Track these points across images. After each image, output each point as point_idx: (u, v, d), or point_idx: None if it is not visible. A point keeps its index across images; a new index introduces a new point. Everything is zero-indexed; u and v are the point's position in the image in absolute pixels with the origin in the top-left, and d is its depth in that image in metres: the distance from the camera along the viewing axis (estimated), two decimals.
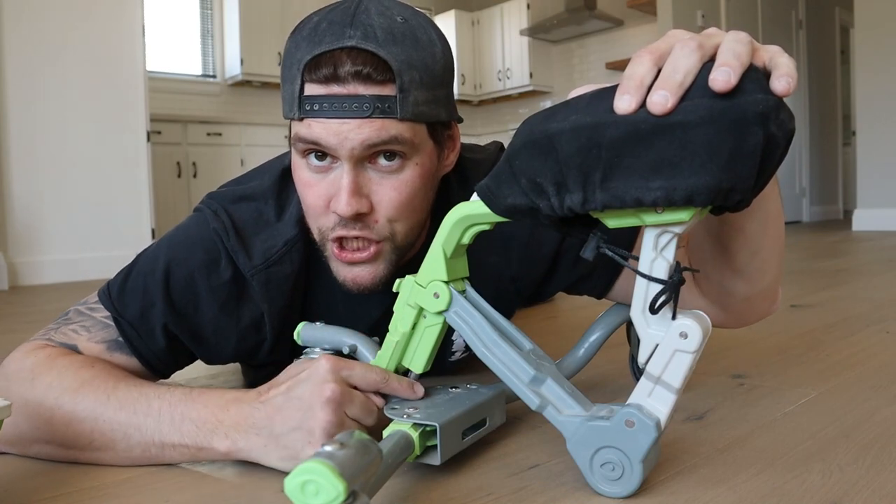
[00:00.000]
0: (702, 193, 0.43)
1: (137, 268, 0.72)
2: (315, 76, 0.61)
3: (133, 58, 3.15)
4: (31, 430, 0.63)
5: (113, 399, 0.62)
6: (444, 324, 0.61)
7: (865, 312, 1.39)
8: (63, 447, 0.63)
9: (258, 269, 0.70)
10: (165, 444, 0.60)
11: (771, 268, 0.67)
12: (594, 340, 0.81)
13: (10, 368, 0.66)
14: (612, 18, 5.49)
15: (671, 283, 0.49)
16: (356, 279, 0.67)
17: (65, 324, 0.71)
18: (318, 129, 0.61)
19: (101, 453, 0.62)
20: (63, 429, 0.61)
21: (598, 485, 0.53)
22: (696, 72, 0.43)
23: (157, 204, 3.45)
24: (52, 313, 1.96)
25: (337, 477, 0.41)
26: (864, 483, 0.55)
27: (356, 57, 0.60)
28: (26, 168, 2.85)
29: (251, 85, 5.16)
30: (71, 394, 0.62)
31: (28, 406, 0.62)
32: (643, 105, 0.43)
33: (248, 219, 0.72)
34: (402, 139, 0.62)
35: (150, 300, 0.70)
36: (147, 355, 0.70)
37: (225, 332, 0.72)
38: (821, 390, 0.83)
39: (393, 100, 0.61)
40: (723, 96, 0.42)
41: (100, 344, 0.69)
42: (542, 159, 0.47)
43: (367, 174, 0.64)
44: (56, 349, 0.68)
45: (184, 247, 0.71)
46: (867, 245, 3.15)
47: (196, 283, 0.70)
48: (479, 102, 6.55)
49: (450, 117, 0.68)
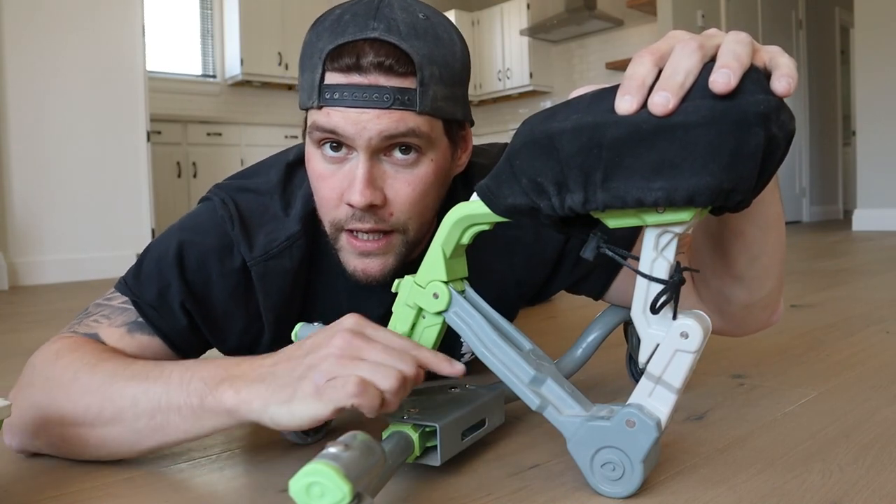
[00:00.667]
0: (703, 194, 0.43)
1: (150, 254, 0.72)
2: (337, 65, 0.61)
3: (133, 58, 3.15)
4: (48, 407, 0.61)
5: (129, 369, 0.61)
6: (444, 324, 0.61)
7: (865, 312, 1.39)
8: (75, 424, 0.60)
9: (257, 261, 0.70)
10: (171, 407, 0.57)
11: (771, 275, 0.67)
12: (592, 340, 0.81)
13: (38, 358, 0.67)
14: (612, 18, 5.49)
15: (672, 283, 0.49)
16: (366, 269, 0.67)
17: (86, 317, 0.71)
18: (337, 117, 0.61)
19: (110, 427, 0.59)
20: (77, 400, 0.60)
21: (599, 485, 0.53)
22: (696, 73, 0.43)
23: (157, 204, 3.45)
24: (53, 313, 1.96)
25: (342, 479, 0.41)
26: (864, 483, 0.55)
27: (379, 48, 0.60)
28: (26, 168, 2.85)
29: (251, 85, 5.16)
30: (90, 367, 0.62)
31: (49, 382, 0.62)
32: (644, 105, 0.43)
33: (253, 209, 0.72)
34: (420, 132, 0.62)
35: (166, 281, 0.69)
36: (169, 333, 0.70)
37: (233, 318, 0.72)
38: (821, 390, 0.83)
39: (413, 93, 0.61)
40: (724, 97, 0.42)
41: (120, 327, 0.69)
42: (543, 159, 0.47)
43: (381, 167, 0.64)
44: (80, 338, 0.68)
45: (196, 231, 0.71)
46: (867, 245, 3.15)
47: (208, 267, 0.70)
48: (479, 102, 6.55)
49: (465, 117, 0.68)
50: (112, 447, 0.61)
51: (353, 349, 0.52)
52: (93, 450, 0.62)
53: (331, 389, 0.50)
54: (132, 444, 0.60)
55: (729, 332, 0.76)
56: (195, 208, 0.75)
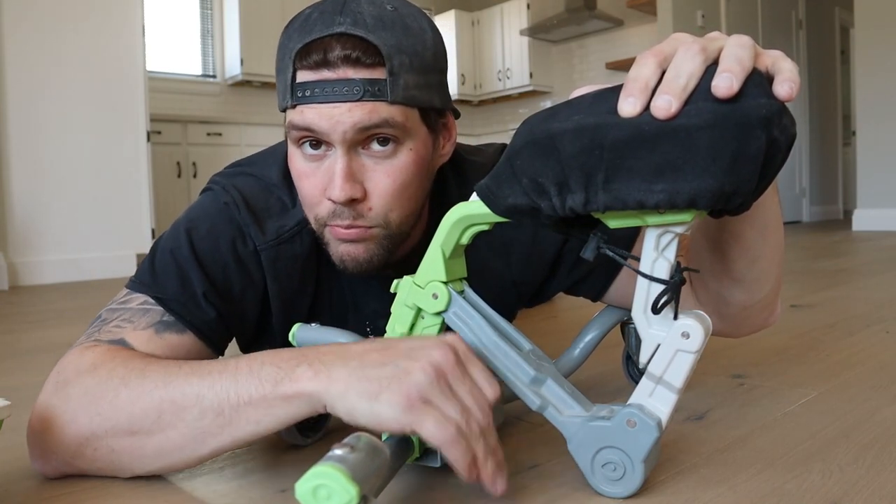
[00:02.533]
0: (704, 197, 0.43)
1: (161, 250, 0.70)
2: (306, 63, 0.61)
3: (133, 58, 3.15)
4: (91, 420, 0.56)
5: (185, 367, 0.57)
6: (443, 325, 0.61)
7: (865, 312, 1.39)
8: (128, 433, 0.56)
9: (269, 245, 0.70)
10: (241, 400, 0.52)
11: (769, 277, 0.67)
12: (589, 340, 0.81)
13: (67, 368, 0.61)
14: (612, 18, 5.49)
15: (673, 283, 0.49)
16: (351, 253, 0.67)
17: (103, 324, 0.66)
18: (311, 114, 0.62)
19: (171, 431, 0.55)
20: (129, 408, 0.55)
21: (600, 485, 0.53)
22: (699, 75, 0.43)
23: (157, 204, 3.45)
24: (53, 313, 1.96)
25: (349, 481, 0.41)
26: (864, 483, 0.55)
27: (346, 42, 0.61)
28: (26, 168, 2.85)
29: (251, 85, 5.16)
30: (138, 371, 0.57)
31: (88, 394, 0.57)
32: (647, 108, 0.44)
33: (256, 194, 0.72)
34: (394, 122, 0.62)
35: (185, 273, 0.67)
36: (201, 326, 0.67)
37: (250, 304, 0.71)
38: (821, 390, 0.83)
39: (383, 83, 0.61)
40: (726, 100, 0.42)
41: (147, 329, 0.65)
42: (544, 159, 0.47)
43: (360, 160, 0.64)
44: (110, 346, 0.63)
45: (204, 221, 0.71)
46: (867, 245, 3.15)
47: (223, 253, 0.69)
48: (479, 102, 6.55)
49: (444, 105, 0.68)
50: (171, 455, 0.56)
51: (450, 373, 0.50)
52: (149, 460, 0.57)
53: (427, 417, 0.47)
54: (194, 448, 0.55)
55: (727, 334, 0.76)
56: (198, 199, 0.75)
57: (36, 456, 0.60)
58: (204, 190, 0.75)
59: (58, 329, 1.66)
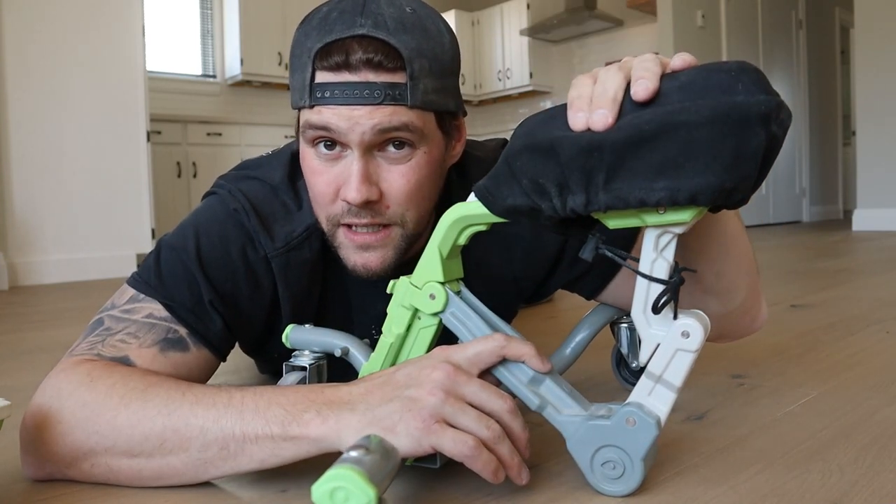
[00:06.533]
0: (705, 193, 0.43)
1: (168, 252, 0.68)
2: (326, 64, 0.61)
3: (133, 58, 3.15)
4: (89, 437, 0.56)
5: (189, 394, 0.56)
6: (440, 325, 0.61)
7: (865, 312, 1.39)
8: (127, 455, 0.56)
9: (280, 252, 0.70)
10: (247, 437, 0.53)
11: (740, 287, 0.68)
12: (581, 340, 0.81)
13: (63, 380, 0.60)
14: (612, 18, 5.49)
15: (673, 284, 0.49)
16: (366, 264, 0.67)
17: (108, 335, 0.65)
18: (329, 115, 0.61)
19: (172, 457, 0.55)
20: (129, 431, 0.55)
21: (599, 484, 0.53)
22: (623, 88, 0.47)
23: (157, 204, 3.45)
24: (52, 313, 1.96)
25: (367, 483, 0.41)
26: (864, 483, 0.55)
27: (367, 45, 0.60)
28: (26, 168, 2.85)
29: (251, 85, 5.15)
30: (139, 392, 0.57)
31: (86, 408, 0.57)
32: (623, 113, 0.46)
33: (263, 199, 0.71)
34: (412, 127, 0.62)
35: (193, 279, 0.67)
36: (207, 334, 0.67)
37: (256, 310, 0.71)
38: (821, 390, 0.83)
39: (403, 87, 0.61)
40: (724, 97, 0.43)
41: (152, 347, 0.64)
42: (544, 161, 0.47)
43: (376, 161, 0.64)
44: (108, 362, 0.62)
45: (213, 225, 0.70)
46: (867, 245, 3.14)
47: (232, 261, 0.69)
48: (479, 102, 6.55)
49: (457, 108, 0.68)
50: (171, 478, 0.57)
51: (455, 386, 0.52)
52: (147, 481, 0.57)
53: (444, 436, 0.49)
54: (195, 476, 0.56)
55: (713, 340, 0.77)
56: (204, 202, 0.74)
57: (28, 462, 0.60)
58: (210, 193, 0.75)
59: (58, 329, 1.66)
